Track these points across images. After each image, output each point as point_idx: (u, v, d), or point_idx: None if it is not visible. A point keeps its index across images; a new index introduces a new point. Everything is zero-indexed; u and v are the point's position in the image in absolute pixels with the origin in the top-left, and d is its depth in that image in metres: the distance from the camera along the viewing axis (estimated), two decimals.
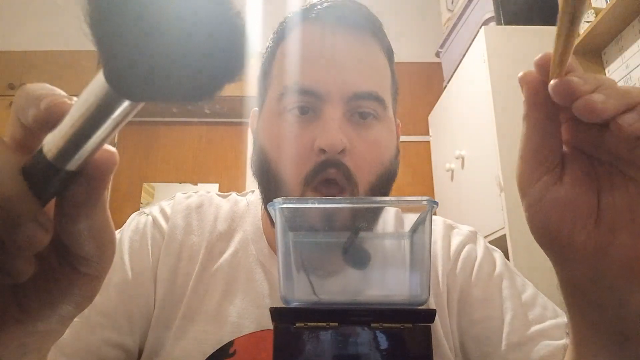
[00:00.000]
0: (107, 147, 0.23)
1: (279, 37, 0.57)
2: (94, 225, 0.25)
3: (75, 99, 0.22)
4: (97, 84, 0.19)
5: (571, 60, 0.28)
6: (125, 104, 0.19)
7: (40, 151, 0.21)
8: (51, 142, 0.21)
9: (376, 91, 0.53)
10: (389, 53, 0.58)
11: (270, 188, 0.53)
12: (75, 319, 0.29)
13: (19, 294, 0.26)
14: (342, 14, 0.54)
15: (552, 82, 0.28)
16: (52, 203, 0.24)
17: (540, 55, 0.30)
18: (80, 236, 0.25)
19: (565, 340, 0.49)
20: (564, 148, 0.32)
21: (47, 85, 0.23)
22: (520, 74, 0.31)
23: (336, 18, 0.54)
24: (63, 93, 0.23)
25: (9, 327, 0.26)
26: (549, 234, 0.31)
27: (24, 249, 0.21)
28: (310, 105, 0.52)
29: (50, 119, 0.22)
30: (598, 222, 0.30)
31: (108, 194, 0.25)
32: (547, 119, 0.30)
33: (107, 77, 0.19)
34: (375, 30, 0.56)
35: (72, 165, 0.21)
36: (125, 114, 0.20)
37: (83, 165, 0.22)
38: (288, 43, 0.55)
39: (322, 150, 0.49)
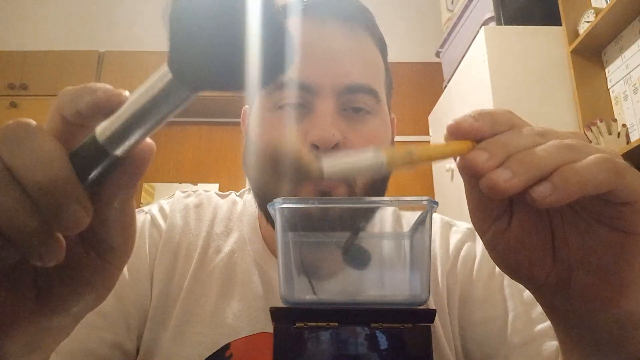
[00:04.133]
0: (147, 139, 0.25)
1: None
2: (124, 212, 0.27)
3: (128, 92, 0.24)
4: (161, 72, 0.21)
5: (503, 114, 0.28)
6: (183, 93, 0.21)
7: (93, 135, 0.23)
8: (105, 126, 0.23)
9: (369, 84, 0.52)
10: (382, 45, 0.57)
11: (262, 186, 0.52)
12: None
13: (40, 284, 0.26)
14: (332, 5, 0.53)
15: (457, 159, 0.28)
16: None
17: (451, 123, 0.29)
18: (111, 222, 0.26)
19: None
20: None
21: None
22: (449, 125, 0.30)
23: (326, 9, 0.53)
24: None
25: (23, 321, 0.26)
26: (511, 271, 0.31)
27: (67, 229, 0.22)
28: (302, 99, 0.50)
29: (107, 106, 0.23)
30: (555, 259, 0.30)
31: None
32: None
33: (171, 64, 0.21)
34: (366, 21, 0.55)
35: (121, 150, 0.23)
36: (181, 101, 0.22)
37: (128, 152, 0.24)
38: None
39: (315, 146, 0.48)
